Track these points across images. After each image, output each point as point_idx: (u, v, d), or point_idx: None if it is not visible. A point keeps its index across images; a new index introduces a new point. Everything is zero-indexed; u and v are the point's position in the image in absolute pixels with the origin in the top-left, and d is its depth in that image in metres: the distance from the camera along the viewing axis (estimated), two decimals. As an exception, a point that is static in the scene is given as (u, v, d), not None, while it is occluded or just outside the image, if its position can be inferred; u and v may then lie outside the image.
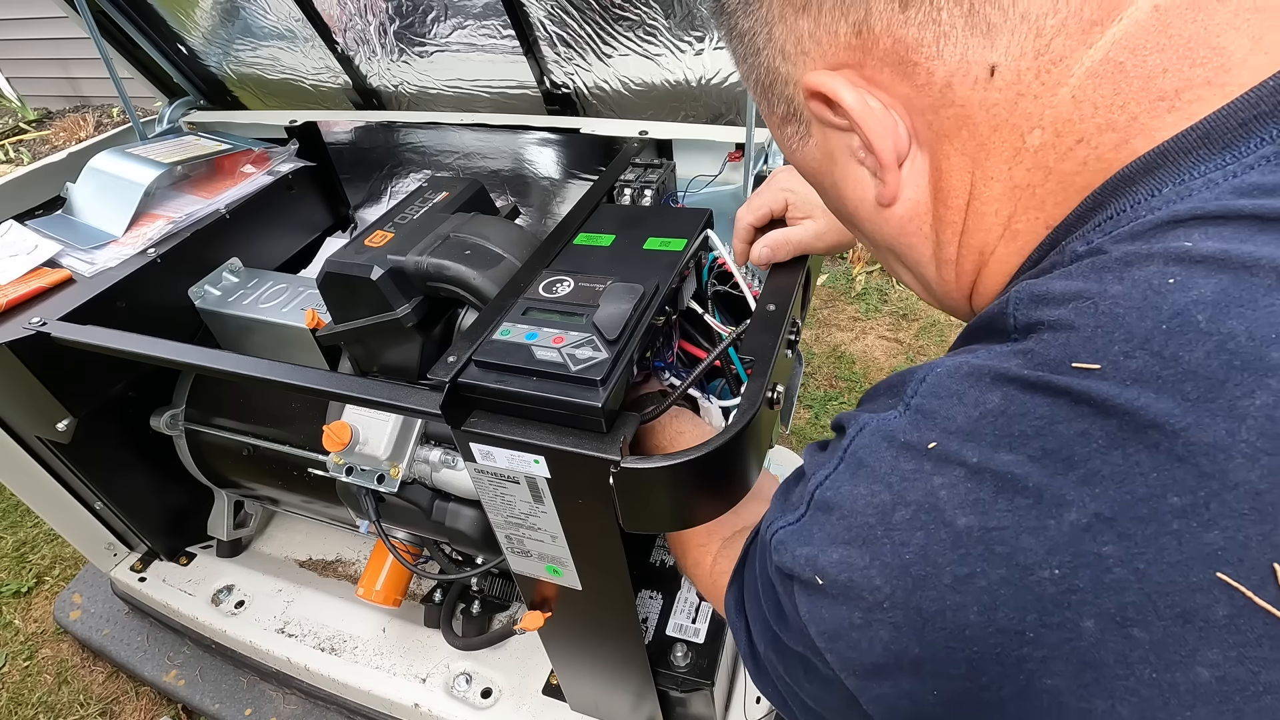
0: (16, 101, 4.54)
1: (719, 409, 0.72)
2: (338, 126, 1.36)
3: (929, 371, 0.36)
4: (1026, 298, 0.34)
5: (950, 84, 0.35)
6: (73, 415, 1.02)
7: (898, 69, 0.35)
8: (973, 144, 0.36)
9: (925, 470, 0.33)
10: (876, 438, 0.36)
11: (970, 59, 0.34)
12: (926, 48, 0.34)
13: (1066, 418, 0.30)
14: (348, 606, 1.28)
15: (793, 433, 2.00)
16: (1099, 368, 0.30)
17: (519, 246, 0.83)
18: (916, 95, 0.36)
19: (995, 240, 0.39)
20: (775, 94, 0.41)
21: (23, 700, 1.55)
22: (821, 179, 0.44)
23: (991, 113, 0.35)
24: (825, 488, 0.37)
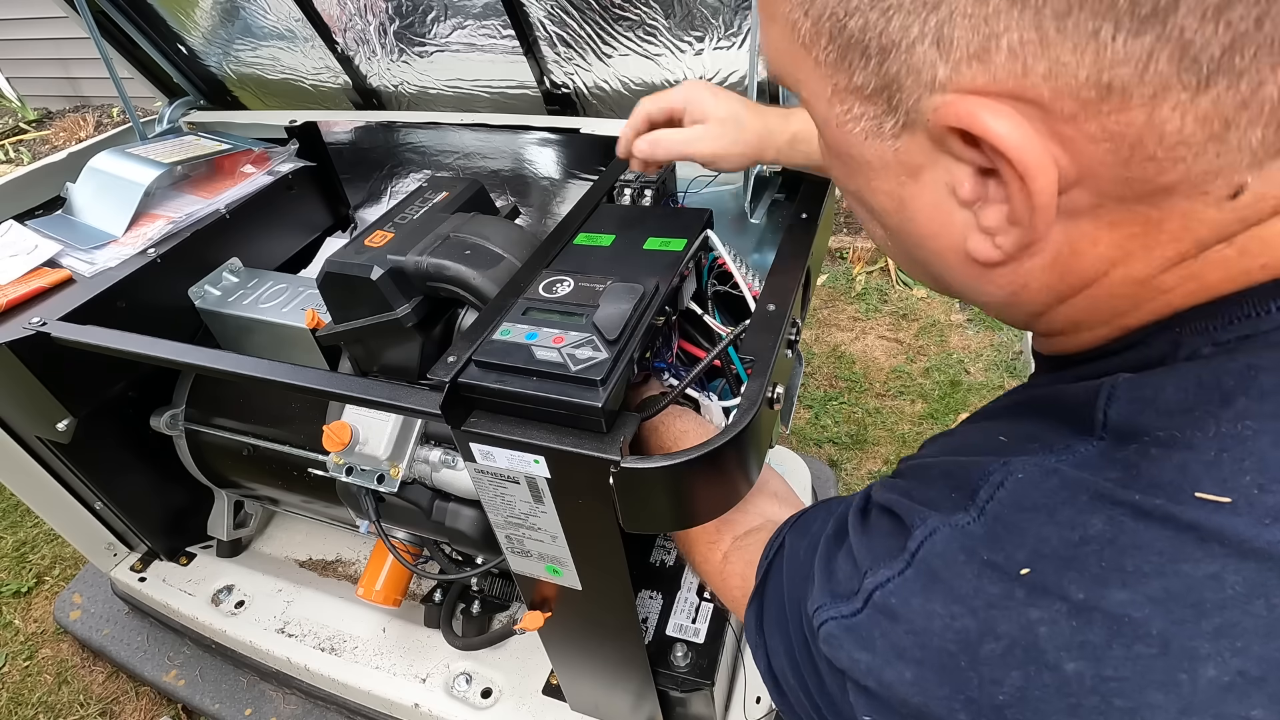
0: (16, 101, 4.54)
1: (720, 407, 0.72)
2: (338, 126, 1.36)
3: (1006, 475, 0.32)
4: (1127, 397, 0.30)
5: (1173, 189, 0.27)
6: (73, 415, 1.02)
7: (1122, 149, 0.26)
8: (1141, 241, 0.29)
9: (1018, 599, 0.29)
10: (952, 547, 0.32)
11: (1224, 175, 0.26)
12: (1186, 147, 0.25)
13: (1193, 557, 0.26)
14: (348, 606, 1.28)
15: (793, 433, 2.00)
16: (1230, 501, 0.26)
17: (519, 246, 0.83)
18: (1115, 181, 0.27)
19: (1097, 318, 0.34)
20: (874, 66, 0.29)
21: (23, 700, 1.55)
22: (873, 179, 0.34)
23: (1189, 225, 0.28)
24: (889, 592, 0.33)
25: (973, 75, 0.26)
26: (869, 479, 1.87)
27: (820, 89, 0.32)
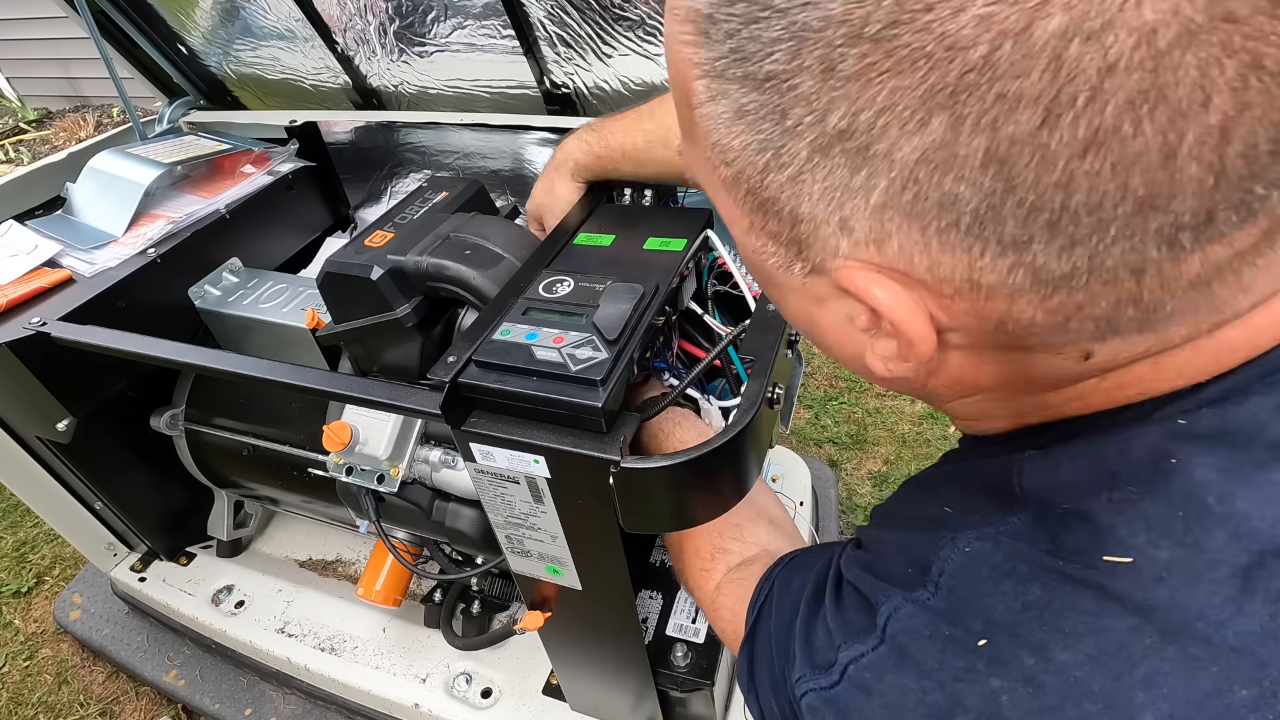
0: (16, 101, 4.54)
1: (719, 410, 0.72)
2: (338, 126, 1.36)
3: (954, 549, 0.35)
4: (1033, 471, 0.35)
5: (1034, 349, 0.31)
6: (73, 415, 1.02)
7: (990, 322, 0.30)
8: (1021, 374, 0.33)
9: (979, 670, 0.32)
10: (916, 623, 0.35)
11: (1072, 343, 0.30)
12: (1039, 328, 0.29)
13: (1114, 612, 0.30)
14: (348, 606, 1.28)
15: (793, 433, 2.00)
16: (1131, 560, 0.30)
17: (519, 246, 0.83)
18: (984, 336, 0.31)
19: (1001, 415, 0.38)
20: (784, 223, 0.31)
21: (23, 700, 1.55)
22: (783, 295, 0.37)
23: (1055, 371, 0.32)
24: (863, 667, 0.36)
25: (869, 255, 0.30)
26: (869, 479, 1.87)
27: (739, 220, 0.34)
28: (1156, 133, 0.22)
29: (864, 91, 0.25)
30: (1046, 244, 0.25)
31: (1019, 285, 0.27)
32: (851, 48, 0.24)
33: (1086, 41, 0.21)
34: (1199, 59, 0.21)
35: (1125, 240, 0.25)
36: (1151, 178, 0.23)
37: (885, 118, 0.25)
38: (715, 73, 0.29)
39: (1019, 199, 0.24)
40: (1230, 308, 0.28)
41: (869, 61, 0.24)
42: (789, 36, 0.25)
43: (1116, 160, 0.23)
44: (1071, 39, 0.21)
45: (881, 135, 0.26)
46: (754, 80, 0.27)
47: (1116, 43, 0.21)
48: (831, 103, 0.26)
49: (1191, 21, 0.21)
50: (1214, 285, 0.26)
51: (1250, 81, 0.21)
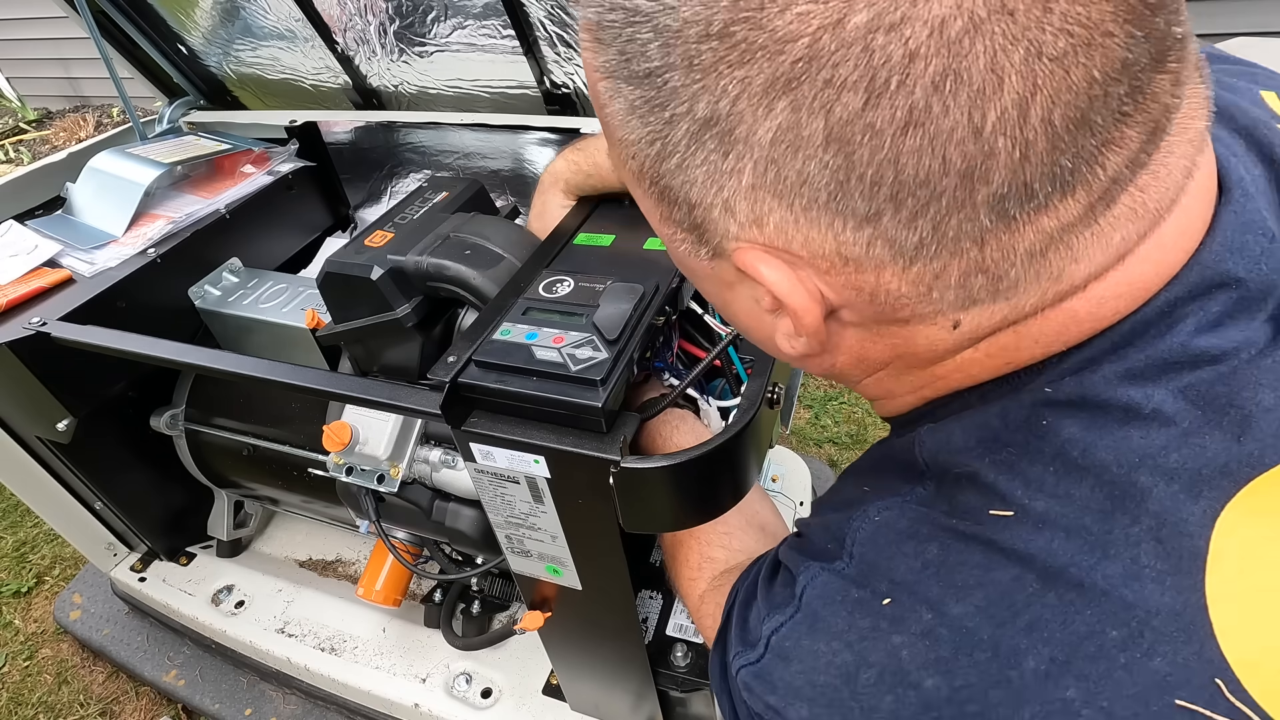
0: (16, 101, 4.54)
1: (718, 412, 0.72)
2: (338, 126, 1.36)
3: (864, 520, 0.38)
4: (930, 442, 0.38)
5: (909, 320, 0.34)
6: (73, 415, 1.02)
7: (865, 293, 0.32)
8: (906, 348, 0.36)
9: (882, 629, 0.34)
10: (829, 590, 0.38)
11: (943, 313, 0.33)
12: (908, 299, 0.32)
13: (1000, 564, 0.32)
14: (348, 606, 1.28)
15: (793, 433, 2.00)
16: (1013, 514, 0.33)
17: (519, 246, 0.83)
18: (867, 308, 0.34)
19: (903, 391, 0.41)
20: (683, 212, 0.34)
21: (23, 700, 1.55)
22: (698, 278, 0.40)
23: (933, 342, 0.35)
24: (782, 636, 0.38)
25: (752, 235, 0.32)
26: (869, 479, 1.87)
27: (652, 211, 0.37)
28: (962, 111, 0.25)
29: (719, 82, 0.28)
30: (893, 215, 0.28)
31: (880, 257, 0.30)
32: (704, 44, 0.27)
33: (889, 32, 0.24)
34: (987, 46, 0.24)
35: (958, 210, 0.27)
36: (966, 150, 0.26)
37: (740, 104, 0.28)
38: (609, 73, 0.32)
39: (860, 174, 0.27)
40: (1068, 277, 0.31)
41: (719, 55, 0.27)
42: (656, 37, 0.28)
43: (933, 136, 0.25)
44: (876, 30, 0.24)
45: (740, 120, 0.28)
46: (637, 78, 0.30)
47: (913, 34, 0.24)
48: (696, 94, 0.29)
49: (975, 14, 0.23)
50: (1049, 255, 0.29)
51: (1035, 65, 0.24)
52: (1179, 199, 0.31)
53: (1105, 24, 0.24)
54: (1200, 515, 0.29)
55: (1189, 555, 0.29)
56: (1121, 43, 0.24)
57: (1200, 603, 0.28)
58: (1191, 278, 0.32)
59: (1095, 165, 0.27)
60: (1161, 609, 0.29)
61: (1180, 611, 0.28)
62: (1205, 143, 0.32)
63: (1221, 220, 0.33)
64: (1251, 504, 0.29)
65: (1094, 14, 0.24)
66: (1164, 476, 0.30)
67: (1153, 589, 0.29)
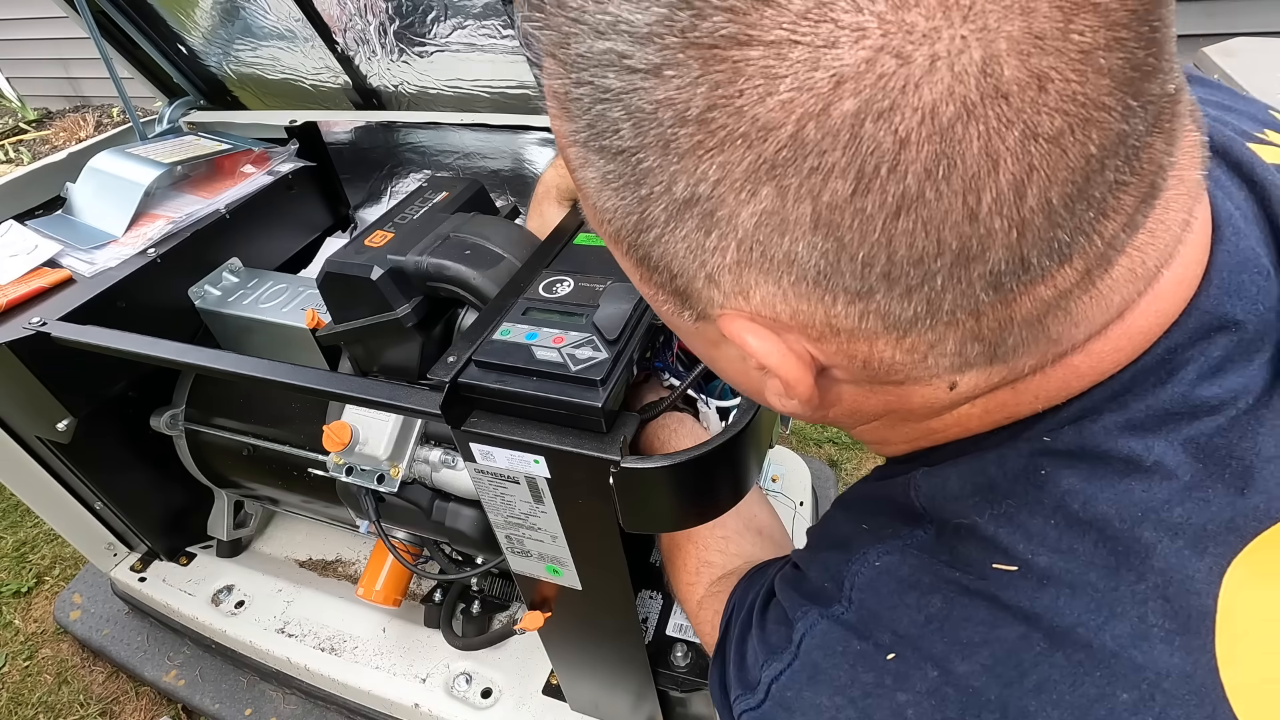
0: (16, 101, 4.54)
1: (716, 413, 0.72)
2: (338, 126, 1.36)
3: (863, 563, 0.38)
4: (925, 487, 0.37)
5: (904, 382, 0.33)
6: (73, 415, 1.02)
7: (856, 362, 0.32)
8: (900, 403, 0.35)
9: (887, 685, 0.33)
10: (830, 639, 0.37)
11: (939, 377, 0.33)
12: (900, 366, 0.31)
13: (1005, 622, 0.31)
14: (348, 606, 1.28)
15: (793, 432, 2.00)
16: (1016, 569, 0.32)
17: (519, 246, 0.83)
18: (858, 374, 0.33)
19: (898, 440, 0.40)
20: (663, 275, 0.33)
21: (23, 700, 1.54)
22: (683, 334, 0.39)
23: (929, 400, 0.35)
24: (783, 685, 0.38)
25: (738, 305, 0.31)
26: (869, 479, 1.87)
27: (631, 271, 0.36)
28: (955, 195, 0.24)
29: (697, 166, 0.26)
30: (886, 292, 0.27)
31: (873, 329, 0.29)
32: (681, 128, 0.26)
33: (878, 120, 0.23)
34: (980, 131, 0.23)
35: (954, 287, 0.26)
36: (961, 233, 0.25)
37: (721, 188, 0.27)
38: (580, 143, 0.30)
39: (851, 255, 0.26)
40: (1067, 339, 0.30)
41: (697, 140, 0.26)
42: (628, 116, 0.27)
43: (926, 220, 0.25)
44: (864, 119, 0.23)
45: (721, 204, 0.27)
46: (609, 153, 0.29)
47: (903, 121, 0.23)
48: (674, 175, 0.27)
49: (967, 100, 0.23)
50: (1046, 321, 0.29)
51: (1030, 147, 0.23)
52: (1177, 251, 0.31)
53: (1101, 98, 0.23)
54: (1206, 572, 0.29)
55: (1197, 614, 0.28)
56: (1118, 115, 0.24)
57: (1211, 664, 0.28)
58: (1190, 323, 0.32)
59: (1092, 235, 0.26)
60: (1172, 670, 0.28)
61: (1191, 673, 0.28)
62: (1201, 191, 0.32)
63: (1216, 261, 0.32)
64: (1258, 560, 0.29)
65: (1089, 90, 0.23)
66: (1168, 532, 0.30)
67: (1162, 649, 0.28)
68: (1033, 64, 0.22)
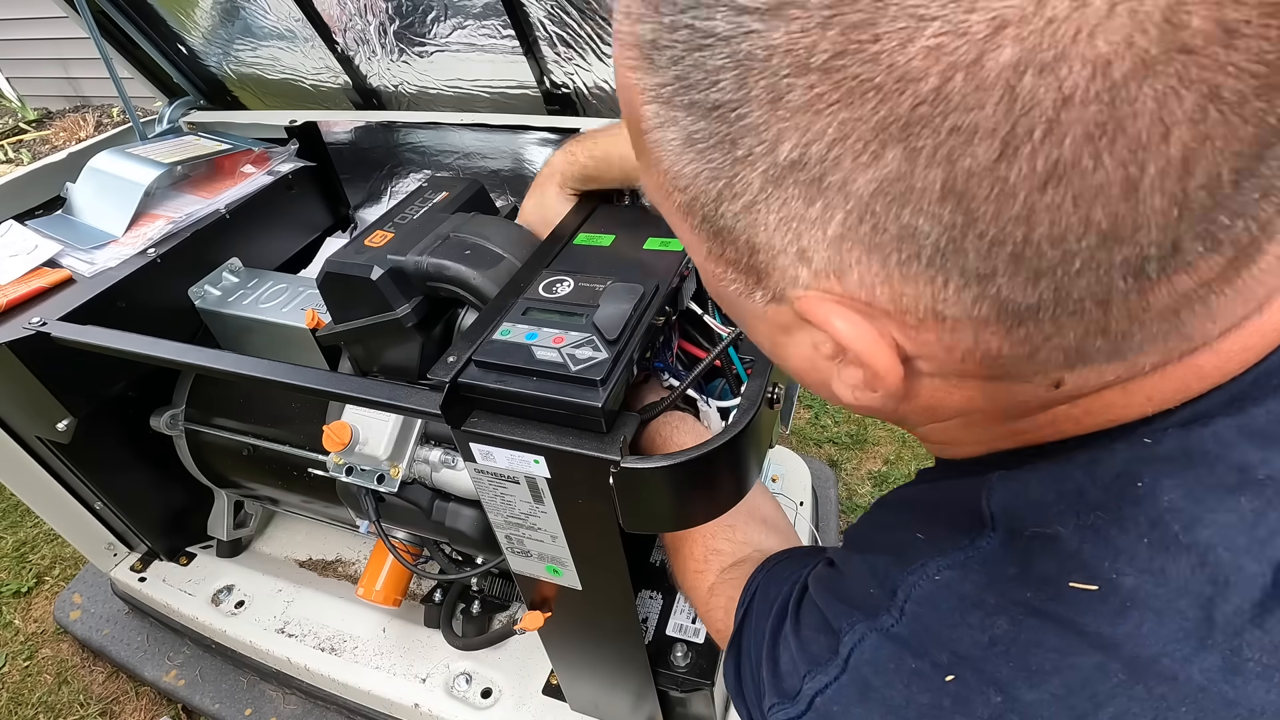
0: (16, 101, 4.54)
1: (717, 413, 0.72)
2: (338, 126, 1.36)
3: (922, 576, 0.35)
4: (1002, 492, 0.34)
5: (1002, 378, 0.30)
6: (73, 415, 1.02)
7: (956, 352, 0.29)
8: (989, 401, 0.33)
9: (945, 707, 0.31)
10: (881, 655, 0.34)
11: (1044, 372, 0.30)
12: (1004, 358, 0.28)
13: (1079, 649, 0.29)
14: (348, 606, 1.28)
15: (793, 433, 2.00)
16: (1097, 589, 0.29)
17: (519, 246, 0.83)
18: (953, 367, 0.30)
19: (971, 440, 0.37)
20: (741, 252, 0.30)
21: (23, 700, 1.55)
22: (746, 320, 0.36)
23: (1025, 399, 0.32)
24: (829, 699, 0.36)
25: (829, 285, 0.28)
26: (869, 479, 1.87)
27: (696, 246, 0.33)
28: (1117, 165, 0.21)
29: (814, 123, 0.24)
30: (1011, 276, 0.25)
31: (984, 317, 0.26)
32: (798, 78, 0.23)
33: (1040, 74, 0.20)
34: (1156, 91, 0.20)
35: (1091, 272, 0.24)
36: (1114, 210, 0.22)
37: (837, 150, 0.24)
38: (662, 99, 0.27)
39: (980, 232, 0.24)
40: (1200, 335, 0.28)
41: (817, 92, 0.23)
42: (734, 65, 0.24)
43: (1078, 193, 0.22)
44: (1024, 71, 0.20)
45: (835, 167, 0.24)
46: (701, 109, 0.26)
47: (1071, 75, 0.20)
48: (781, 133, 0.25)
49: (1146, 53, 0.20)
50: (1182, 314, 0.26)
51: (1209, 113, 0.20)
52: None
53: None
54: None
55: None
56: None
57: None
58: None
59: (1250, 218, 0.23)
60: (1267, 708, 0.26)
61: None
62: None
63: None
64: None
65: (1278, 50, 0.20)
66: (1271, 565, 0.27)
67: (1257, 685, 0.26)
68: (1224, 14, 0.19)
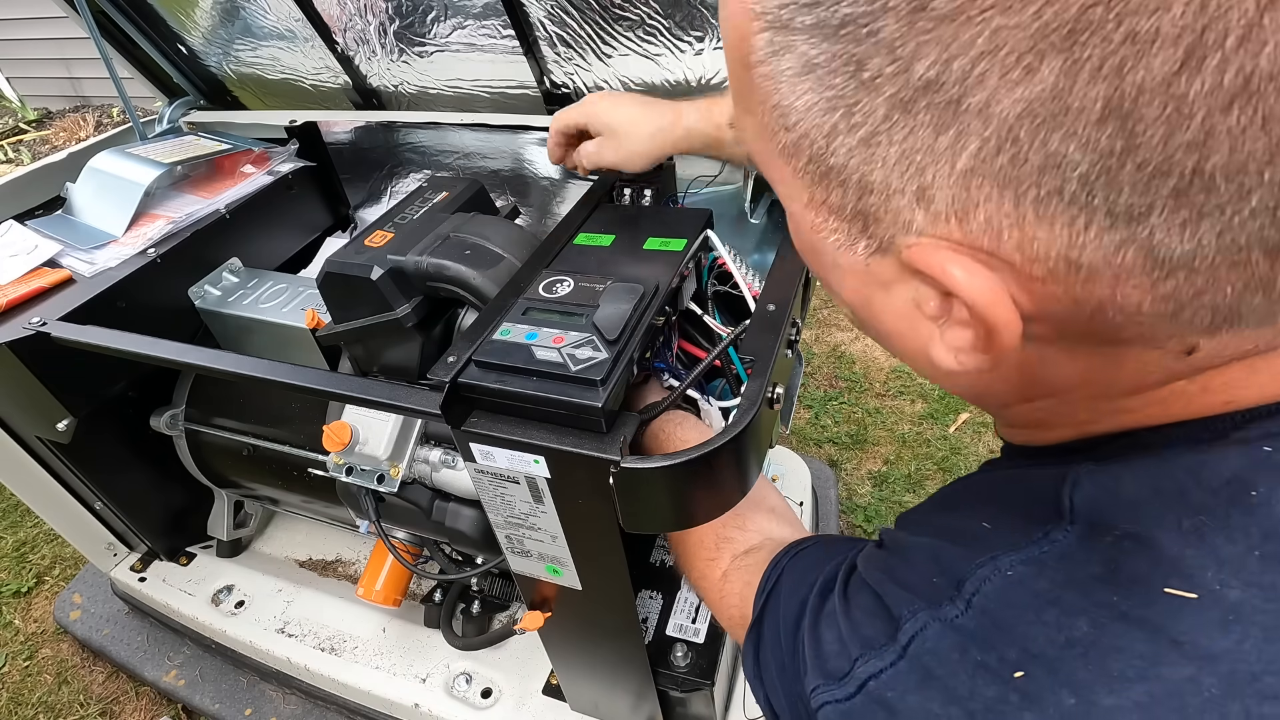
0: (16, 101, 4.54)
1: (719, 411, 0.72)
2: (338, 126, 1.36)
3: (994, 570, 0.32)
4: (1090, 484, 0.32)
5: (1130, 341, 0.28)
6: (73, 415, 1.02)
7: (1087, 310, 0.27)
8: (1102, 372, 0.30)
9: (1013, 703, 0.29)
10: (944, 645, 0.32)
11: (1179, 336, 0.27)
12: (1143, 315, 0.26)
13: (1170, 659, 0.27)
14: (348, 606, 1.28)
15: (793, 433, 2.00)
16: (1196, 597, 0.27)
17: (519, 246, 0.83)
18: (1078, 328, 0.28)
19: (1063, 423, 0.35)
20: (850, 194, 0.28)
21: (23, 700, 1.55)
22: (843, 278, 0.34)
23: (1147, 367, 0.29)
24: (884, 684, 0.34)
25: (948, 230, 0.26)
26: (869, 479, 1.87)
27: (797, 194, 0.31)
28: None
29: (961, 33, 0.21)
30: (1169, 216, 0.22)
31: (1128, 265, 0.24)
32: None
33: None
34: None
35: (1266, 214, 0.21)
36: None
37: (984, 64, 0.21)
38: (780, 23, 0.25)
39: (1140, 161, 0.21)
40: None
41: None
42: None
43: (1267, 115, 0.19)
44: None
45: (978, 85, 0.22)
46: (826, 28, 0.24)
47: None
48: (920, 48, 0.22)
49: None
50: None
51: None
52: None
53: None
54: None
55: None
56: None
57: None
58: None
59: None
60: None
61: None
62: None
63: None
64: None
65: None
66: None
67: None
68: None
